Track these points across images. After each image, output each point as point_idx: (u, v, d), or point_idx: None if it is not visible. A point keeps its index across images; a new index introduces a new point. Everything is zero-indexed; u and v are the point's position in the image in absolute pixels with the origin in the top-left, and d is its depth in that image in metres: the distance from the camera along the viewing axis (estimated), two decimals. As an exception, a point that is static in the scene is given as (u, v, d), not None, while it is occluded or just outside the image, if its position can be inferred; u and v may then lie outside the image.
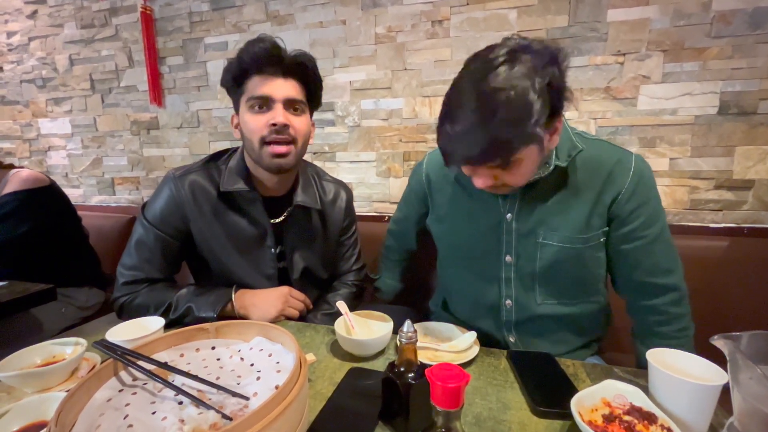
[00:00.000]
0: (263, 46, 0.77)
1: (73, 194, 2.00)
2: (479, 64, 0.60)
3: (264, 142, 0.79)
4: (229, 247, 0.87)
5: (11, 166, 1.21)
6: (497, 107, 0.56)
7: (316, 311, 0.94)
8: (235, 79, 0.80)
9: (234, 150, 0.92)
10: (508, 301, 0.79)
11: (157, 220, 0.85)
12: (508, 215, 0.76)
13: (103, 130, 1.91)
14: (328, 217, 0.97)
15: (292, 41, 1.50)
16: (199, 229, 0.86)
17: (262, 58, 0.77)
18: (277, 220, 0.90)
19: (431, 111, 1.42)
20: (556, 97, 0.59)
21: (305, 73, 0.82)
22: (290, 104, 0.80)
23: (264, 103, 0.78)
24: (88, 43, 1.84)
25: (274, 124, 0.77)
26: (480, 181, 0.66)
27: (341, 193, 1.01)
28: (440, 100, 0.65)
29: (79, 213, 1.35)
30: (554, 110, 0.60)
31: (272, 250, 0.89)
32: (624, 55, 1.22)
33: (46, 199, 1.19)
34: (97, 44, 1.83)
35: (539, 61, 0.57)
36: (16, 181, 1.15)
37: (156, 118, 1.80)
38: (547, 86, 0.57)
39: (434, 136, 0.68)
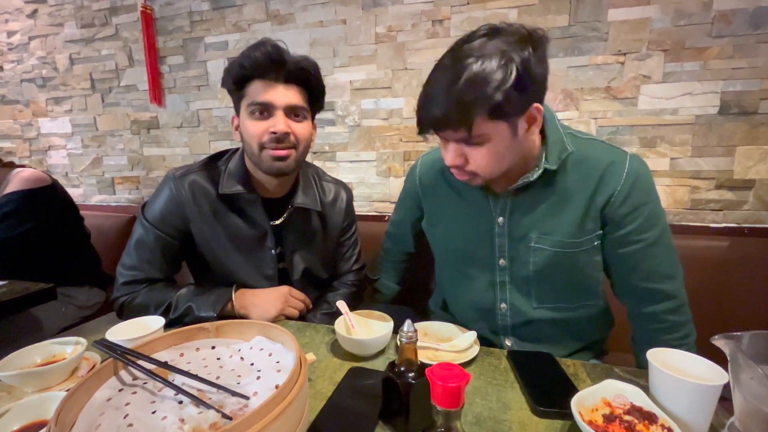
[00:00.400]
0: (265, 51, 0.75)
1: (74, 194, 1.98)
2: (464, 38, 0.62)
3: (263, 147, 0.79)
4: (230, 247, 0.87)
5: (12, 164, 1.21)
6: (462, 72, 0.58)
7: (316, 311, 0.94)
8: (236, 83, 0.79)
9: (234, 151, 0.92)
10: (503, 305, 0.79)
11: (157, 220, 0.84)
12: (500, 219, 0.75)
13: (103, 129, 1.91)
14: (328, 217, 0.97)
15: (292, 41, 1.50)
16: (199, 229, 0.86)
17: (263, 64, 0.76)
18: (277, 222, 0.90)
19: (431, 110, 1.42)
20: (525, 76, 0.58)
21: (307, 79, 0.81)
22: (291, 111, 0.80)
23: (265, 110, 0.78)
24: (89, 43, 1.84)
25: (274, 132, 0.77)
26: (448, 157, 0.67)
27: (341, 193, 1.01)
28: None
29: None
30: (522, 90, 0.58)
31: (272, 251, 0.89)
32: (624, 54, 1.22)
33: (47, 199, 1.19)
34: (97, 43, 1.83)
35: (513, 39, 0.59)
36: (18, 180, 1.15)
37: (156, 117, 1.80)
38: (518, 63, 0.57)
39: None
